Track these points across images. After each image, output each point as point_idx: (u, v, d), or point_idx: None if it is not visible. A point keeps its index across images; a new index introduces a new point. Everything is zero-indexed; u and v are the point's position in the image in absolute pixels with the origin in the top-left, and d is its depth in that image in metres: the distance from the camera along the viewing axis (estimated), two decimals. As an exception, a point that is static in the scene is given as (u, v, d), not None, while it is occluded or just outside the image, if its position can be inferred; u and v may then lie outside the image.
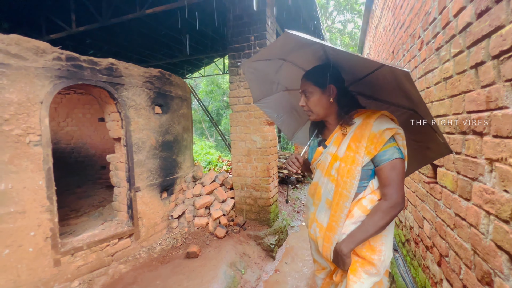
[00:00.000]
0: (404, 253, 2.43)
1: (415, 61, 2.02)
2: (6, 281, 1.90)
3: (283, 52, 1.23)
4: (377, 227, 0.98)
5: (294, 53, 1.23)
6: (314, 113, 1.16)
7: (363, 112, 1.11)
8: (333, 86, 1.12)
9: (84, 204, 3.93)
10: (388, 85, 1.07)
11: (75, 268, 2.26)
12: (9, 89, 1.90)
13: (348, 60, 1.10)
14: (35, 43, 2.03)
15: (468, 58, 1.16)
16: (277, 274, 2.81)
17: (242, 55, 3.25)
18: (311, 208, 1.23)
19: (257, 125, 3.26)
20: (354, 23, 16.67)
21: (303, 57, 1.25)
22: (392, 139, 1.03)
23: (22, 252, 1.96)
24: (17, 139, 1.94)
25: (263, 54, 1.26)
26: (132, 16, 4.05)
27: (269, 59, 1.30)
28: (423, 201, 1.89)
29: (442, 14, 1.45)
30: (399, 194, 0.98)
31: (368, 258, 1.03)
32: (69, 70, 2.22)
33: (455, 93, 1.31)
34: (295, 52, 1.21)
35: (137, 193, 2.80)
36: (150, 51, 7.39)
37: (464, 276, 1.21)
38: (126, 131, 2.71)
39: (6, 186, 1.90)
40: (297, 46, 1.16)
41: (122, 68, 2.66)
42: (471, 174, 1.15)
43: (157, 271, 2.46)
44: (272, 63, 1.33)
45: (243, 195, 3.42)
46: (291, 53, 1.23)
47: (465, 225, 1.21)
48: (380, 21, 3.74)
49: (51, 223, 2.10)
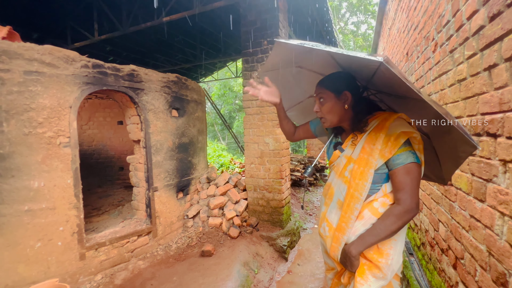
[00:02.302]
0: (420, 257, 2.39)
1: (429, 63, 2.02)
2: (38, 272, 2.05)
3: (288, 60, 1.23)
4: (389, 231, 0.97)
5: (305, 59, 1.23)
6: (328, 120, 1.15)
7: (380, 114, 1.10)
8: (348, 93, 1.11)
9: (105, 203, 4.13)
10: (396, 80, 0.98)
11: (98, 262, 2.39)
12: (43, 95, 2.07)
13: (351, 61, 1.05)
14: (65, 52, 2.20)
15: (481, 60, 1.17)
16: (289, 275, 2.84)
17: (256, 59, 3.33)
18: (323, 207, 1.26)
19: (270, 127, 3.32)
20: (368, 24, 16.44)
21: (317, 63, 1.25)
22: (408, 143, 1.00)
23: (52, 245, 2.12)
24: (49, 141, 2.11)
25: (271, 61, 1.27)
26: (151, 24, 4.25)
27: (284, 68, 1.31)
28: (438, 204, 1.87)
29: (456, 17, 1.46)
30: (413, 200, 0.96)
31: (375, 261, 1.02)
32: (95, 77, 2.38)
33: (469, 95, 1.31)
34: (305, 58, 1.22)
35: (155, 193, 2.92)
36: (166, 57, 7.67)
37: (480, 278, 1.20)
38: (145, 134, 2.85)
39: (39, 184, 2.06)
40: (299, 53, 1.15)
41: (142, 74, 2.81)
42: (485, 175, 1.15)
43: (174, 268, 2.56)
44: (288, 71, 1.34)
45: (256, 197, 3.48)
46: (301, 59, 1.23)
47: (480, 227, 1.21)
48: (394, 22, 3.72)
49: (77, 219, 2.26)
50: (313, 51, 1.09)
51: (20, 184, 1.99)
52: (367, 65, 0.98)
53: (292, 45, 0.93)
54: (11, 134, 1.95)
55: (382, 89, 1.18)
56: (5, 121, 1.93)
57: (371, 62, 0.85)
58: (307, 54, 1.17)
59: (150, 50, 6.96)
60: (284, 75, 1.36)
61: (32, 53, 2.03)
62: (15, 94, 1.96)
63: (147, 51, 6.99)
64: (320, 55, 1.17)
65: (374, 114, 1.11)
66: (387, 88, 1.12)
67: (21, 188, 1.99)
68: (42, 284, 1.84)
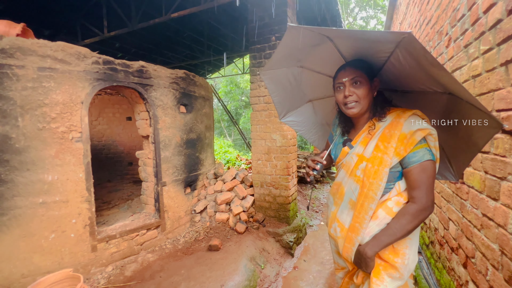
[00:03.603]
0: (428, 255, 2.37)
1: (442, 59, 1.97)
2: (52, 262, 2.12)
3: (295, 54, 1.18)
4: (405, 230, 0.95)
5: (310, 57, 1.19)
6: (361, 104, 1.06)
7: (393, 110, 1.06)
8: (378, 80, 1.07)
9: (114, 197, 4.22)
10: (411, 69, 0.95)
11: (109, 254, 2.46)
12: (55, 91, 2.12)
13: (361, 50, 1.04)
14: (77, 49, 2.24)
15: (498, 55, 1.14)
16: (296, 271, 2.86)
17: (263, 56, 3.32)
18: (332, 207, 1.22)
19: (277, 124, 3.31)
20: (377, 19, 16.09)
21: (321, 61, 1.21)
22: (424, 140, 0.98)
23: (65, 237, 2.18)
24: (62, 136, 2.16)
25: (276, 57, 1.22)
26: (159, 21, 4.27)
27: (286, 67, 1.27)
28: (449, 202, 1.85)
29: (471, 11, 1.42)
30: (429, 198, 0.94)
31: (391, 261, 1.00)
32: (105, 73, 2.42)
33: (484, 91, 1.28)
34: (310, 55, 1.18)
35: (163, 188, 2.97)
36: (174, 53, 7.70)
37: (491, 277, 1.19)
38: (154, 129, 2.89)
39: (53, 177, 2.12)
40: (307, 45, 1.11)
41: (151, 70, 2.84)
42: (499, 173, 1.13)
43: (182, 261, 2.60)
44: (290, 72, 1.30)
45: (263, 193, 3.50)
46: (306, 56, 1.20)
47: (492, 226, 1.19)
48: (405, 17, 3.63)
49: (89, 212, 2.32)
50: (322, 43, 1.06)
51: (35, 177, 2.05)
52: (380, 50, 0.96)
53: (305, 31, 0.90)
54: (26, 129, 2.01)
55: (389, 84, 1.16)
56: (20, 116, 1.99)
57: (393, 35, 0.86)
58: (312, 48, 1.13)
59: (158, 47, 7.00)
60: (286, 75, 1.32)
61: (46, 50, 2.07)
62: (29, 90, 2.01)
63: (155, 48, 7.04)
64: (326, 50, 1.13)
65: (388, 109, 1.08)
66: (395, 81, 1.11)
67: (36, 181, 2.06)
68: (57, 273, 1.91)
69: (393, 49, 0.92)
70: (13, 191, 1.98)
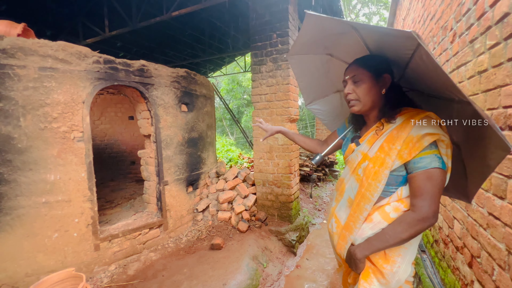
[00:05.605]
0: (432, 254, 2.34)
1: (447, 54, 1.93)
2: (56, 261, 2.14)
3: (321, 41, 1.12)
4: (398, 239, 0.90)
5: (337, 45, 1.14)
6: (362, 102, 1.03)
7: (408, 111, 0.99)
8: (388, 76, 1.01)
9: (117, 196, 4.23)
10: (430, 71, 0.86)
11: (112, 253, 2.47)
12: (57, 91, 2.12)
13: (385, 44, 0.98)
14: (78, 48, 2.24)
15: (505, 50, 1.11)
16: (298, 270, 2.85)
17: (265, 53, 3.29)
18: (333, 203, 1.23)
19: (279, 122, 3.29)
20: (380, 15, 15.92)
21: (347, 50, 1.16)
22: (434, 145, 0.90)
23: (68, 236, 2.19)
24: (63, 136, 2.17)
25: (299, 42, 1.16)
26: (159, 19, 4.26)
27: (314, 53, 1.21)
28: (453, 200, 1.82)
29: (477, 5, 1.38)
30: (431, 208, 0.87)
31: (379, 266, 0.97)
32: (106, 72, 2.41)
33: (490, 87, 1.25)
34: (336, 43, 1.13)
35: (165, 187, 2.97)
36: (175, 52, 7.70)
37: (497, 277, 1.16)
38: (155, 128, 2.89)
39: (55, 177, 2.13)
40: (332, 33, 1.06)
41: (152, 69, 2.83)
42: (506, 171, 1.10)
43: (184, 260, 2.61)
44: (318, 58, 1.25)
45: (265, 191, 3.49)
46: (332, 44, 1.14)
47: (499, 225, 1.16)
48: (409, 12, 3.57)
49: (92, 211, 2.32)
50: (346, 32, 1.02)
51: (38, 177, 2.06)
52: (404, 46, 0.88)
53: (324, 20, 0.87)
54: (28, 129, 2.02)
55: (414, 84, 1.08)
56: (22, 116, 1.99)
57: (404, 35, 0.80)
58: (337, 36, 1.07)
59: (159, 45, 7.00)
60: (313, 61, 1.26)
61: (46, 50, 2.07)
62: (30, 90, 2.02)
63: (157, 46, 7.04)
64: (351, 39, 1.07)
65: (401, 109, 1.02)
66: (421, 82, 1.02)
67: (39, 181, 2.06)
68: (60, 273, 1.92)
69: (415, 46, 0.84)
70: (16, 191, 1.99)
